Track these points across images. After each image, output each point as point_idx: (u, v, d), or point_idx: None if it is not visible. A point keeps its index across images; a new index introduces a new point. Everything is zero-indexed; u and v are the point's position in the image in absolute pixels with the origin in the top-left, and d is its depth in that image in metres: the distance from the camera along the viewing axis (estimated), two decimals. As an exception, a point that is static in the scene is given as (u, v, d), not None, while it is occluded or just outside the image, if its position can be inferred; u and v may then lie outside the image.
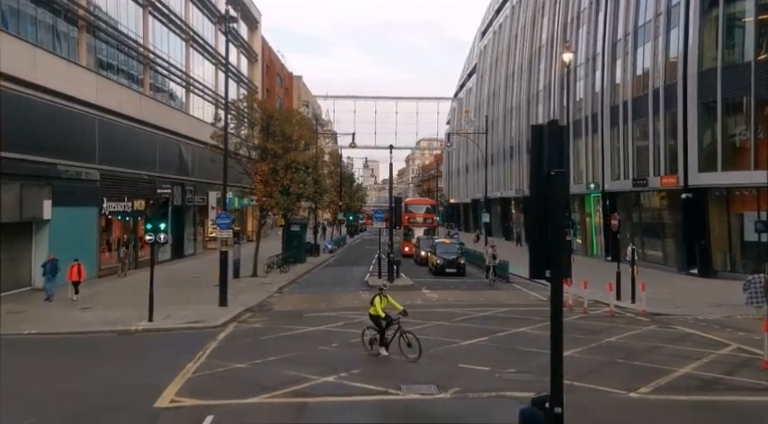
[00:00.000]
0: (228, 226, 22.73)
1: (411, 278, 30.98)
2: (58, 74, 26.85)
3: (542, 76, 55.16)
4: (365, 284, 29.58)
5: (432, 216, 49.13)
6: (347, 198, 71.40)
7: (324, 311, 21.55)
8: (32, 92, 24.89)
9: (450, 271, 32.25)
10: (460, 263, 32.84)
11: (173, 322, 19.31)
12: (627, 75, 37.61)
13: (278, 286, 28.73)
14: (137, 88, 35.42)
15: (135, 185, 33.93)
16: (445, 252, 33.78)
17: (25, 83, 24.35)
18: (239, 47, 58.95)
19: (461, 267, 32.81)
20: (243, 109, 31.77)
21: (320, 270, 37.72)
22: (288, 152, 31.32)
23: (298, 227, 40.92)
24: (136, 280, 29.05)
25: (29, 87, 24.63)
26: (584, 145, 44.66)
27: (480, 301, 23.67)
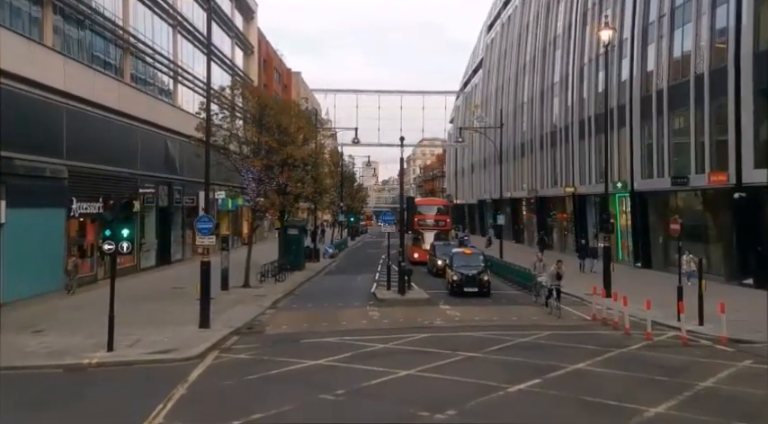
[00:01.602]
0: (211, 232, 18.96)
1: (425, 290, 27.19)
2: (17, 53, 23.06)
3: (558, 68, 51.43)
4: (372, 297, 25.80)
5: (445, 217, 43.63)
6: (348, 199, 67.64)
7: (325, 334, 17.78)
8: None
9: (471, 291, 25.48)
10: (484, 280, 25.89)
11: (138, 352, 15.51)
12: (662, 61, 33.85)
13: (272, 299, 24.95)
14: (114, 75, 31.62)
15: (112, 184, 30.12)
16: (464, 266, 26.67)
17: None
18: (233, 37, 55.23)
19: (485, 285, 25.88)
20: (233, 97, 27.94)
21: (320, 279, 33.93)
22: (284, 146, 27.56)
23: (296, 231, 37.14)
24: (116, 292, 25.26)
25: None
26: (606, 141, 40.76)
27: (513, 321, 19.87)
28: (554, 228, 55.03)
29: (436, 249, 34.52)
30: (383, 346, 15.96)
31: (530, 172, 58.87)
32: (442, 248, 33.98)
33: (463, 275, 25.80)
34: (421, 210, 41.71)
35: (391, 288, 26.53)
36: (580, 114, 45.87)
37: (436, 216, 42.92)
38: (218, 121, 27.87)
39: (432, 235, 40.35)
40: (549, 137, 53.20)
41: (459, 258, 27.64)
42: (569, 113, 47.92)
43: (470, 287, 25.52)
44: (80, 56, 28.56)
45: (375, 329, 18.61)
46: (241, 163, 27.74)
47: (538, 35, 57.28)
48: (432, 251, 35.44)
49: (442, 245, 35.01)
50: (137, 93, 33.89)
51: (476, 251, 29.82)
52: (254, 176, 27.63)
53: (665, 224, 35.03)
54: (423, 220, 41.50)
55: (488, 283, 26.11)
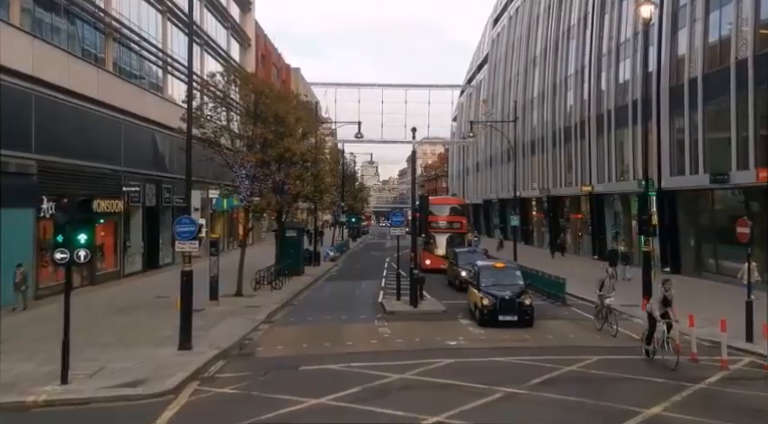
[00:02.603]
0: (193, 236, 16.03)
1: (440, 300, 24.24)
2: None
3: (572, 60, 48.53)
4: (380, 308, 22.85)
5: (460, 219, 38.23)
6: (349, 199, 64.69)
7: (328, 358, 14.86)
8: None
9: (508, 319, 18.87)
10: (525, 305, 19.22)
11: (98, 385, 12.58)
12: (694, 47, 30.95)
13: (267, 310, 22.03)
14: (93, 61, 28.69)
15: (91, 181, 27.25)
16: (496, 285, 19.95)
17: None
18: (229, 28, 52.36)
19: (527, 312, 19.17)
20: (227, 85, 25.01)
21: (321, 286, 30.99)
22: (281, 139, 24.65)
23: (294, 233, 34.26)
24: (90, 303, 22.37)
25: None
26: (630, 136, 38.02)
27: (549, 341, 16.94)
28: (567, 229, 52.13)
29: (458, 257, 28.76)
30: (399, 376, 13.05)
31: (541, 170, 55.97)
32: (465, 256, 28.51)
33: (497, 298, 19.14)
34: (433, 210, 35.48)
35: (401, 298, 23.62)
36: (598, 108, 42.96)
37: (450, 217, 37.73)
38: (208, 112, 24.98)
39: (444, 239, 35.96)
40: (563, 133, 50.30)
41: (488, 274, 20.95)
42: (585, 107, 45.02)
43: (508, 314, 18.96)
44: (54, 39, 25.66)
45: (387, 351, 15.70)
46: (233, 158, 24.80)
47: (549, 26, 54.37)
48: (453, 258, 29.60)
49: (465, 252, 29.59)
50: (120, 83, 30.98)
51: (510, 265, 23.43)
52: (247, 173, 24.72)
53: (698, 224, 32.23)
54: (435, 222, 36.31)
55: (531, 309, 19.33)
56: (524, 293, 19.77)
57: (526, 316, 19.11)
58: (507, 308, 19.04)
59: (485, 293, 19.62)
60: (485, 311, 19.15)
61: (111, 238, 30.02)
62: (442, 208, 38.27)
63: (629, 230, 39.70)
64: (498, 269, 21.60)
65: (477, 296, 19.98)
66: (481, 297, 19.49)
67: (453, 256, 29.62)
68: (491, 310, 19.04)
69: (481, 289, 19.93)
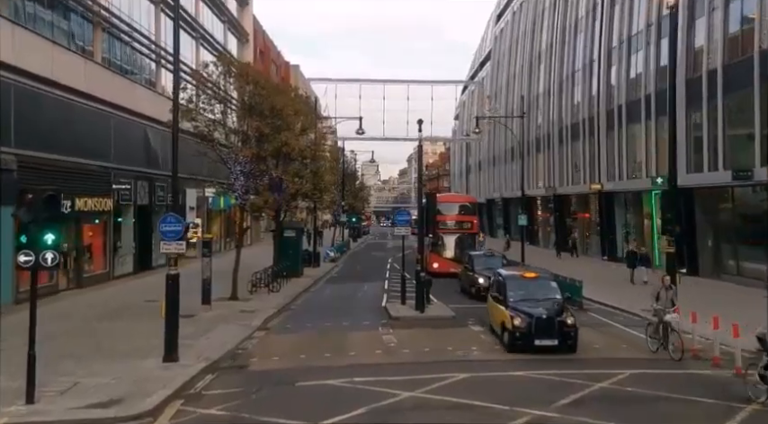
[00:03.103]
0: (180, 236, 14.53)
1: (447, 304, 22.72)
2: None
3: (580, 54, 47.02)
4: (384, 313, 21.34)
5: (471, 218, 35.01)
6: (350, 198, 63.19)
7: (329, 372, 13.38)
8: None
9: (546, 344, 15.06)
10: (568, 325, 15.37)
11: (67, 406, 11.09)
12: (713, 37, 29.48)
13: (263, 315, 20.54)
14: (80, 52, 27.20)
15: (78, 178, 25.75)
16: (528, 300, 16.26)
17: None
18: (226, 22, 50.88)
19: (569, 333, 15.36)
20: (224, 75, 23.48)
21: (321, 289, 29.49)
22: (278, 133, 23.14)
23: (293, 233, 32.77)
24: (74, 308, 20.92)
25: None
26: (642, 131, 36.51)
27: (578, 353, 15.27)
28: (575, 229, 50.64)
29: (474, 261, 25.86)
30: (410, 394, 11.57)
31: (546, 168, 54.47)
32: (482, 260, 25.82)
33: (531, 317, 15.18)
34: (441, 209, 32.48)
35: (406, 302, 22.12)
36: (608, 103, 41.47)
37: (460, 216, 34.61)
38: (201, 104, 23.45)
39: (453, 240, 33.33)
40: (570, 130, 48.81)
41: (517, 286, 16.90)
42: (594, 103, 43.53)
43: (545, 337, 14.98)
44: (37, 27, 24.16)
45: (394, 364, 14.21)
46: (227, 153, 23.29)
47: (556, 20, 52.87)
48: (468, 263, 26.52)
49: (482, 256, 26.74)
50: (109, 75, 29.48)
51: (543, 274, 18.75)
52: (242, 169, 23.22)
53: (716, 223, 30.75)
54: (443, 221, 33.13)
55: (575, 330, 15.39)
56: (564, 310, 15.80)
57: (569, 340, 15.12)
58: (545, 330, 15.02)
59: (514, 310, 15.55)
60: (516, 333, 15.08)
61: (99, 238, 28.52)
62: (451, 207, 35.16)
63: (640, 230, 38.22)
64: (529, 280, 17.42)
65: (503, 314, 15.86)
66: (511, 317, 15.37)
67: (468, 260, 26.62)
68: (525, 333, 15.01)
69: (509, 305, 15.89)
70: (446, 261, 32.41)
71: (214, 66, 23.46)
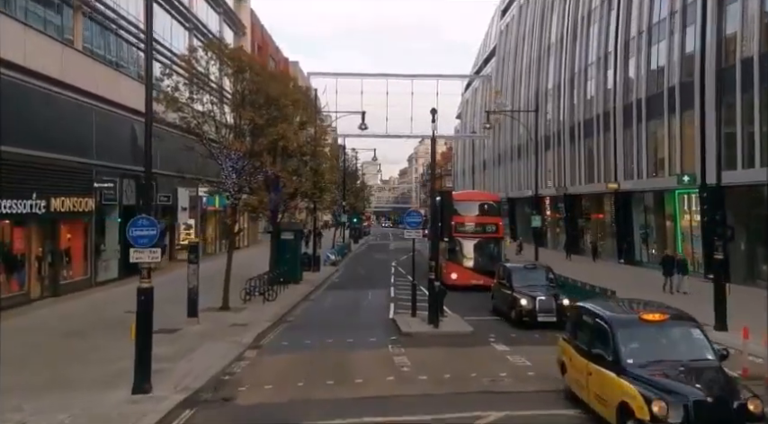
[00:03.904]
0: (153, 242, 12.17)
1: (462, 316, 20.33)
2: None
3: (594, 46, 44.65)
4: (393, 327, 18.96)
5: (494, 220, 29.64)
6: (351, 198, 60.79)
7: (332, 409, 11.02)
8: None
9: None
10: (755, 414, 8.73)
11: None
12: (749, 24, 27.13)
13: (257, 330, 18.18)
14: (58, 37, 24.83)
15: (55, 175, 23.43)
16: (660, 364, 9.57)
17: None
18: (222, 14, 48.50)
19: None
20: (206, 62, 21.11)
21: (321, 296, 27.10)
22: (273, 124, 20.78)
23: (291, 235, 30.35)
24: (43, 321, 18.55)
25: None
26: (665, 127, 34.15)
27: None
28: (587, 230, 48.32)
29: (513, 276, 20.17)
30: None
31: (557, 166, 52.11)
32: (523, 274, 20.39)
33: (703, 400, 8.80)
34: (459, 209, 27.42)
35: (417, 314, 19.74)
36: (625, 98, 39.12)
37: (482, 217, 29.45)
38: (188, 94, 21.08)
39: (474, 246, 28.51)
40: (583, 127, 46.45)
41: (635, 336, 10.06)
42: (610, 97, 41.17)
43: None
44: (7, 8, 21.79)
45: (410, 395, 11.84)
46: (217, 148, 20.91)
47: (567, 12, 50.48)
48: (504, 278, 20.87)
49: (522, 270, 21.09)
50: (90, 63, 27.09)
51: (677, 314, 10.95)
52: (234, 165, 20.86)
53: (750, 225, 28.40)
54: (461, 224, 28.28)
55: None
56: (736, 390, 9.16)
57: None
58: None
59: (641, 383, 9.04)
60: None
61: (79, 241, 26.12)
62: (470, 206, 30.00)
63: (661, 232, 35.88)
64: (655, 325, 10.18)
65: (616, 388, 9.38)
66: (644, 398, 8.75)
67: (504, 274, 21.09)
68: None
69: (626, 372, 9.36)
70: (466, 271, 27.90)
71: (203, 52, 21.06)
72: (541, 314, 18.22)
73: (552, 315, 18.11)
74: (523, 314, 18.47)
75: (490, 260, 27.39)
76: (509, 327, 18.75)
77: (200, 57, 20.88)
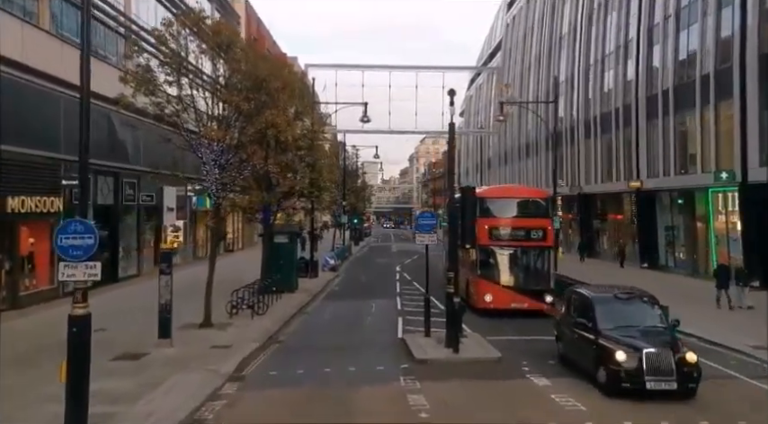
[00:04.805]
0: (89, 254, 9.18)
1: (483, 334, 17.24)
2: None
3: (612, 35, 41.64)
4: (403, 350, 15.88)
5: (542, 223, 22.26)
6: (352, 197, 57.77)
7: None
8: None
9: None
10: None
11: None
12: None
13: (241, 354, 15.14)
14: (17, 14, 21.82)
15: (13, 171, 20.47)
16: None
17: None
18: (213, 1, 45.47)
19: None
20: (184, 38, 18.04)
21: (319, 308, 24.03)
22: (261, 111, 17.74)
23: (286, 239, 27.30)
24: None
25: None
26: (696, 119, 31.16)
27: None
28: (604, 232, 45.31)
29: (597, 311, 13.22)
30: None
31: (570, 164, 49.09)
32: (614, 309, 13.31)
33: None
34: (491, 209, 22.18)
35: (431, 334, 16.70)
36: (649, 88, 36.13)
37: (524, 219, 22.36)
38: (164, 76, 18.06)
39: (514, 258, 21.88)
40: (599, 121, 43.45)
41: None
42: (632, 89, 38.17)
43: None
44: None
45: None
46: (196, 138, 17.89)
47: (580, 0, 47.45)
48: (581, 313, 13.81)
49: (612, 300, 13.62)
50: (58, 45, 24.05)
51: None
52: (216, 158, 17.86)
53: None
54: (495, 228, 21.86)
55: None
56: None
57: None
58: None
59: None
60: None
61: (44, 245, 23.00)
62: (508, 205, 22.78)
63: (690, 234, 32.89)
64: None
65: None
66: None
67: (581, 307, 13.93)
68: None
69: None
70: (505, 292, 21.30)
71: (181, 26, 18.00)
72: (653, 378, 11.53)
73: (671, 380, 11.53)
74: (622, 377, 11.72)
75: (537, 277, 21.71)
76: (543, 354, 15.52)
77: (176, 32, 17.82)
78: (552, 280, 21.51)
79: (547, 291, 20.99)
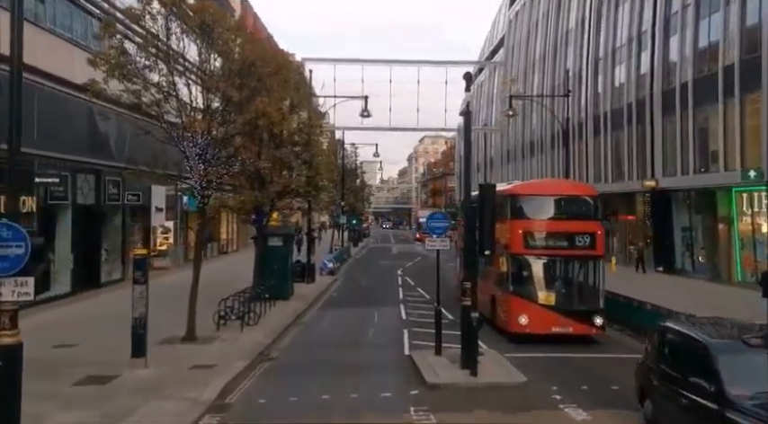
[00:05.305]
0: (18, 267, 7.17)
1: (500, 350, 15.27)
2: None
3: (625, 27, 39.66)
4: (411, 370, 13.88)
5: (591, 227, 18.05)
6: (351, 197, 55.78)
7: None
8: None
9: None
10: None
11: None
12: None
13: (226, 377, 13.15)
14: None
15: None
16: None
17: None
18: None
19: None
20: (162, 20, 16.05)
21: (316, 318, 21.97)
22: (251, 99, 15.76)
23: (280, 241, 25.28)
24: None
25: None
26: (720, 113, 29.21)
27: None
28: (612, 234, 43.31)
29: (719, 365, 8.46)
30: None
31: (578, 163, 47.11)
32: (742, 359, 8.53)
33: None
34: (526, 209, 18.37)
35: (443, 353, 14.69)
36: (665, 82, 34.19)
37: (566, 221, 18.31)
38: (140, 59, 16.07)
39: (553, 270, 18.08)
40: (610, 118, 41.52)
41: None
42: (646, 83, 36.23)
43: None
44: None
45: None
46: (177, 130, 15.90)
47: (590, -8, 45.53)
48: (706, 373, 8.62)
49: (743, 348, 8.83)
50: (31, 30, 22.02)
51: None
52: (201, 151, 15.89)
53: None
54: (530, 233, 17.96)
55: None
56: None
57: None
58: None
59: None
60: None
61: (15, 250, 21.07)
62: (548, 204, 18.63)
63: (711, 236, 30.95)
64: None
65: None
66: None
67: (690, 359, 9.21)
68: None
69: None
70: (546, 313, 17.16)
71: (160, 4, 16.00)
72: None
73: None
74: None
75: (584, 295, 17.96)
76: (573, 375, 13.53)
77: (154, 11, 15.83)
78: (602, 298, 17.69)
79: (596, 312, 17.27)
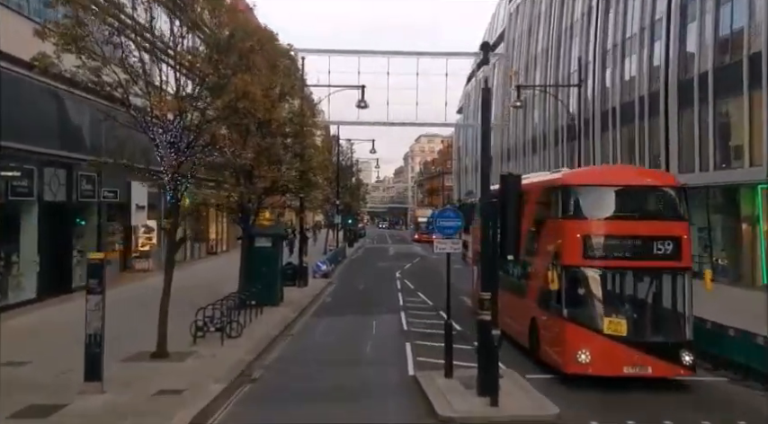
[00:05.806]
0: None
1: (522, 372, 13.04)
2: None
3: (636, 16, 37.51)
4: (418, 397, 11.65)
5: (673, 229, 13.33)
6: (346, 196, 53.55)
7: None
8: None
9: None
10: None
11: None
12: None
13: (195, 407, 10.92)
14: None
15: None
16: None
17: None
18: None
19: None
20: None
21: (306, 329, 19.63)
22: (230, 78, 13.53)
23: (268, 241, 23.03)
24: None
25: None
26: (745, 106, 27.13)
27: None
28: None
29: None
30: None
31: (584, 159, 44.95)
32: None
33: None
34: (584, 205, 13.77)
35: (454, 376, 12.48)
36: (681, 73, 32.09)
37: (639, 221, 13.47)
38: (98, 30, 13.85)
39: (624, 287, 13.92)
40: (619, 112, 39.44)
41: None
42: (660, 74, 34.11)
43: None
44: None
45: None
46: (145, 114, 13.69)
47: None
48: None
49: None
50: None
51: None
52: (172, 138, 13.68)
53: None
54: (596, 237, 13.34)
55: None
56: None
57: None
58: None
59: None
60: None
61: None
62: (611, 198, 13.87)
63: (732, 236, 28.90)
64: None
65: None
66: None
67: None
68: None
69: None
70: (615, 347, 12.67)
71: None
72: None
73: None
74: None
75: (666, 322, 13.65)
76: (612, 402, 11.31)
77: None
78: (690, 325, 13.17)
79: (683, 345, 12.84)
